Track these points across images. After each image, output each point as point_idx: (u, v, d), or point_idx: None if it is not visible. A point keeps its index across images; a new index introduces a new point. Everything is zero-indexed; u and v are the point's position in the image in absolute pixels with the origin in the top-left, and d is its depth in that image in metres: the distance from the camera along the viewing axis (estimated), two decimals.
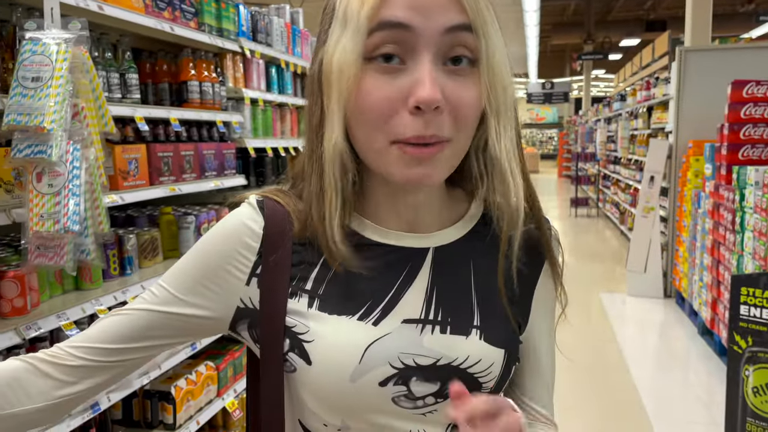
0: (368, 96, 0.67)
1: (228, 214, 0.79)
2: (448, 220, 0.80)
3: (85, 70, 1.67)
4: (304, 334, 0.73)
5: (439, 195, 0.79)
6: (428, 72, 0.66)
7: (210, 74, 2.69)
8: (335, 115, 0.69)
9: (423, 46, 0.66)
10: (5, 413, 0.73)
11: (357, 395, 0.72)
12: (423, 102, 0.65)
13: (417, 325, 0.74)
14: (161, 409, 2.40)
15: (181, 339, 0.79)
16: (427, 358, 0.73)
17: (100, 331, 0.76)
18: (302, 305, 0.74)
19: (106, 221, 1.75)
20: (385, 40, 0.66)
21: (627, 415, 3.74)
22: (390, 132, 0.68)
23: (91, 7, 1.90)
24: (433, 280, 0.76)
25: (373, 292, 0.74)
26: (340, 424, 0.74)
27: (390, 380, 0.72)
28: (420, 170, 0.68)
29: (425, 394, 0.73)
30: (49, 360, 0.75)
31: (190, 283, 0.76)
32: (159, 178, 2.34)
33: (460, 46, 0.68)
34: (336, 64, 0.68)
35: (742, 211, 4.00)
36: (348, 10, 0.68)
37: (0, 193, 1.64)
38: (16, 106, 1.53)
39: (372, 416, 0.73)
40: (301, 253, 0.76)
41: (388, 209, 0.77)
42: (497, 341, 0.75)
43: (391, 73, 0.67)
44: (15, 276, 1.71)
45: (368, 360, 0.71)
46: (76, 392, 0.75)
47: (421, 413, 0.74)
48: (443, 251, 0.78)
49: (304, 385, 0.73)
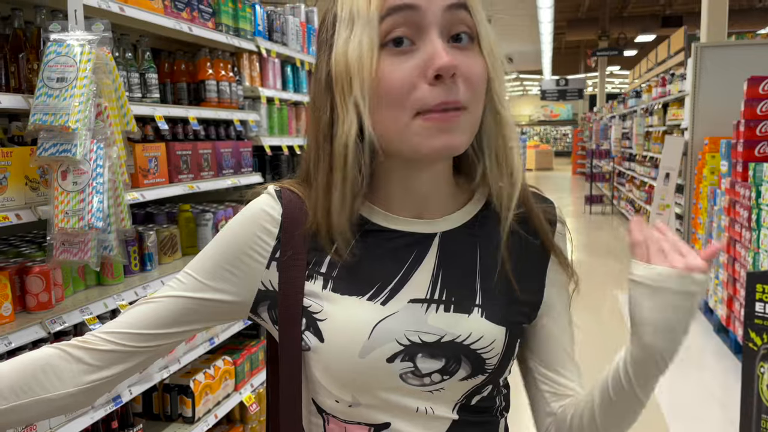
0: (389, 77, 0.72)
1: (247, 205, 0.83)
2: (453, 207, 0.84)
3: (108, 70, 1.71)
4: (319, 313, 0.77)
5: (445, 183, 0.83)
6: (440, 44, 0.72)
7: (227, 73, 2.73)
8: (358, 108, 0.73)
9: (429, 23, 0.72)
10: (39, 398, 0.77)
11: (366, 371, 0.75)
12: (443, 68, 0.70)
13: (422, 304, 0.78)
14: (180, 402, 2.44)
15: (207, 324, 0.83)
16: (431, 335, 0.77)
17: (130, 318, 0.80)
18: (317, 287, 0.78)
19: (128, 218, 1.79)
20: (395, 24, 0.72)
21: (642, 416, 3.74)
22: (413, 106, 0.72)
23: (113, 8, 1.94)
24: (439, 263, 0.80)
25: (382, 274, 0.78)
26: (350, 400, 0.78)
27: (397, 356, 0.76)
28: (444, 138, 0.73)
29: (431, 371, 0.76)
30: (81, 346, 0.79)
31: (215, 268, 0.80)
32: (178, 176, 2.38)
33: (460, 23, 0.74)
34: (353, 58, 0.72)
35: (759, 208, 3.98)
36: (354, 9, 0.73)
37: (26, 190, 1.69)
38: (42, 106, 1.58)
39: (381, 393, 0.77)
40: (316, 240, 0.80)
41: (398, 197, 0.81)
42: (498, 319, 0.79)
43: (404, 54, 0.73)
44: (40, 271, 1.76)
45: (376, 337, 0.75)
46: (106, 377, 0.79)
47: (429, 391, 0.77)
48: (449, 236, 0.81)
49: (317, 363, 0.77)
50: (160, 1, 2.25)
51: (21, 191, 1.67)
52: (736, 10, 11.39)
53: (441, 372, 0.77)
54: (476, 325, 0.78)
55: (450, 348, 0.77)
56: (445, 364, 0.77)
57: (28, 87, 1.80)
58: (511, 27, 16.29)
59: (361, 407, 0.78)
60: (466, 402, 0.80)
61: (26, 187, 1.69)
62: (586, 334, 0.78)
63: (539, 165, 24.83)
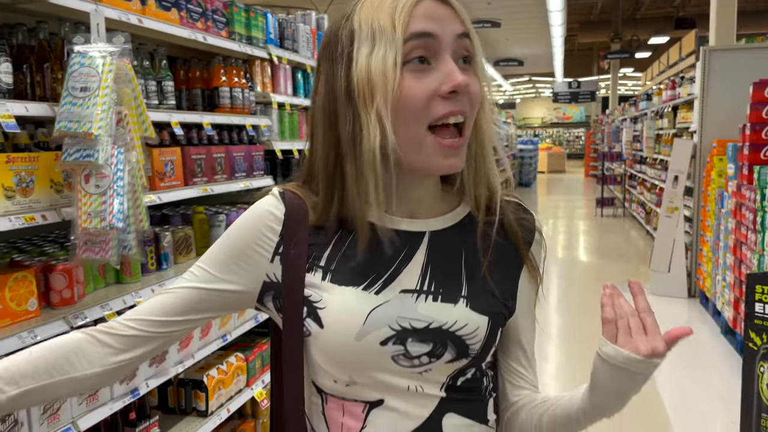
0: (410, 91, 0.82)
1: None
2: (442, 210, 0.94)
3: (128, 80, 1.81)
4: (318, 302, 0.86)
5: (434, 190, 0.93)
6: (455, 65, 0.83)
7: (240, 80, 2.83)
8: (380, 118, 0.82)
9: (443, 49, 0.84)
10: (69, 377, 0.87)
11: (361, 353, 0.84)
12: (460, 85, 0.82)
13: (413, 294, 0.87)
14: (195, 396, 2.54)
15: (218, 312, 0.93)
16: (420, 321, 0.85)
17: (150, 307, 0.90)
18: (317, 278, 0.87)
19: (146, 219, 1.89)
20: (415, 47, 0.83)
21: (645, 410, 3.79)
22: (428, 117, 0.83)
23: (132, 20, 2.05)
24: (429, 258, 0.89)
25: (376, 267, 0.87)
26: (347, 380, 0.87)
27: (389, 340, 0.84)
28: (451, 161, 0.85)
29: (420, 354, 0.85)
30: (107, 331, 0.89)
31: (225, 262, 0.90)
32: (193, 179, 2.48)
33: (464, 49, 0.86)
34: (377, 72, 0.81)
35: (764, 210, 4.02)
36: (376, 28, 0.82)
37: (51, 193, 1.79)
38: (67, 114, 1.68)
39: (375, 373, 0.86)
40: (316, 236, 0.89)
41: (394, 199, 0.90)
42: (482, 309, 0.88)
43: (423, 72, 0.83)
44: (64, 269, 1.86)
45: (371, 322, 0.84)
46: (128, 359, 0.89)
47: (418, 372, 0.86)
48: (437, 235, 0.91)
49: (317, 347, 0.86)
50: (176, 13, 2.35)
51: (46, 194, 1.77)
52: (747, 12, 11.35)
53: (429, 355, 0.85)
54: (462, 313, 0.86)
55: (437, 334, 0.85)
56: (432, 347, 0.85)
57: (52, 95, 1.91)
58: (523, 30, 16.33)
59: (357, 386, 0.87)
60: (453, 383, 0.89)
61: (51, 189, 1.79)
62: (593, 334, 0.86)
63: (551, 168, 24.77)
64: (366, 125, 0.83)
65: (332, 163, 0.87)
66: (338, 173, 0.87)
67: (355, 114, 0.84)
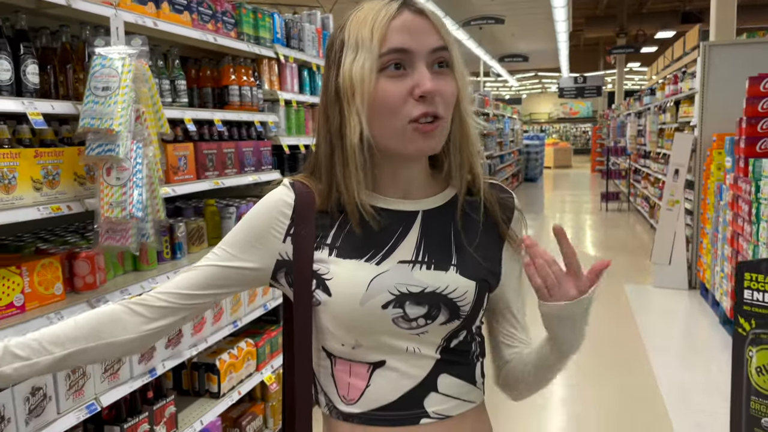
0: (385, 93, 0.95)
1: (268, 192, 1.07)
2: (432, 192, 1.07)
3: (145, 79, 1.95)
4: (326, 274, 0.99)
5: (424, 174, 1.06)
6: (426, 73, 0.95)
7: (248, 78, 2.96)
8: (359, 115, 0.96)
9: (418, 60, 0.96)
10: (107, 341, 1.01)
11: (365, 316, 0.97)
12: (427, 92, 0.94)
13: (409, 264, 1.00)
14: (207, 379, 2.68)
15: (237, 288, 1.06)
16: (416, 287, 0.98)
17: (178, 281, 1.04)
18: (324, 254, 1.00)
19: (162, 210, 2.03)
20: (392, 59, 0.95)
21: (642, 397, 3.89)
22: (404, 116, 0.95)
23: (148, 23, 2.19)
24: (422, 233, 1.02)
25: (376, 242, 1.01)
26: (353, 343, 1.00)
27: (390, 304, 0.97)
28: (425, 142, 0.97)
29: (417, 316, 0.98)
30: (140, 303, 1.03)
31: (243, 243, 1.03)
32: (205, 173, 2.62)
33: (440, 57, 0.98)
34: (357, 77, 0.95)
35: (758, 202, 4.11)
36: (359, 39, 0.96)
37: (75, 185, 1.93)
38: (90, 112, 1.82)
39: (378, 336, 0.99)
40: (322, 219, 1.03)
41: (387, 183, 1.03)
42: (469, 275, 1.01)
43: (399, 77, 0.95)
44: (87, 256, 2.00)
45: (372, 289, 0.97)
46: (158, 327, 1.03)
47: (416, 333, 0.99)
48: (429, 213, 1.04)
49: (326, 314, 1.00)
50: (188, 15, 2.49)
51: (71, 186, 1.91)
52: (749, 5, 11.36)
53: (425, 317, 0.99)
54: (452, 279, 1.00)
55: (432, 297, 0.99)
56: (428, 310, 0.98)
57: (74, 94, 2.05)
58: (529, 26, 16.37)
59: (362, 348, 1.00)
60: (446, 345, 1.02)
61: (75, 182, 1.93)
62: (597, 322, 0.98)
63: (558, 163, 24.77)
64: (348, 120, 0.97)
65: (329, 154, 1.01)
66: (333, 162, 1.01)
67: (341, 111, 0.98)
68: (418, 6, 0.98)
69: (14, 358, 0.96)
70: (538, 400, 3.90)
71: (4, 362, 0.95)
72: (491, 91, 19.13)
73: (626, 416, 3.71)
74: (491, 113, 13.61)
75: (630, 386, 4.09)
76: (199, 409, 2.60)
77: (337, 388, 1.03)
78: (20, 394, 1.73)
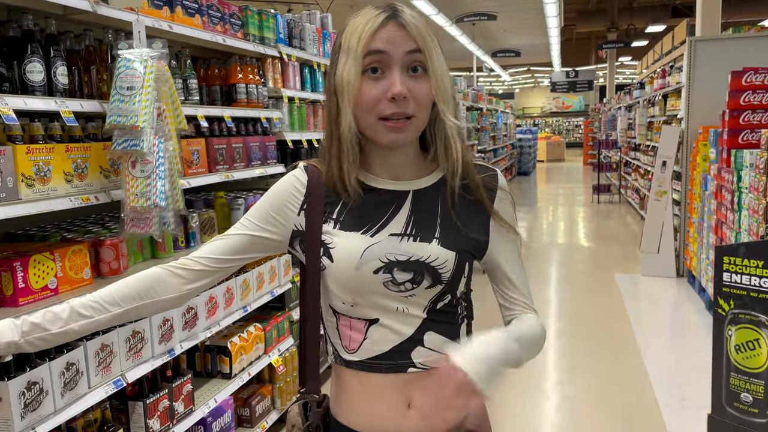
0: (364, 93, 1.11)
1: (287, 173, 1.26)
2: (421, 174, 1.23)
3: (165, 79, 2.11)
4: (330, 243, 1.17)
5: (413, 157, 1.23)
6: (398, 77, 1.10)
7: (254, 77, 3.12)
8: (347, 109, 1.14)
9: (394, 63, 1.10)
10: (154, 300, 1.19)
11: (360, 279, 1.15)
12: (396, 95, 1.10)
13: (398, 237, 1.17)
14: (220, 360, 2.85)
15: (260, 254, 1.24)
16: (403, 256, 1.15)
17: (212, 247, 1.22)
18: (330, 227, 1.18)
19: (181, 200, 2.19)
20: (372, 61, 1.11)
21: (629, 378, 4.09)
22: (378, 113, 1.11)
23: (163, 26, 2.34)
24: (412, 209, 1.19)
25: (372, 218, 1.18)
26: (352, 302, 1.17)
27: (380, 270, 1.14)
28: (393, 136, 1.12)
29: (404, 281, 1.15)
30: (180, 266, 1.21)
31: (265, 216, 1.22)
32: (216, 167, 2.78)
33: (415, 61, 1.12)
34: (346, 79, 1.13)
35: (740, 191, 4.30)
36: (349, 45, 1.14)
37: (101, 177, 2.09)
38: (116, 110, 1.98)
39: (372, 296, 1.16)
40: (330, 197, 1.20)
41: (381, 166, 1.21)
42: (450, 246, 1.17)
43: (376, 80, 1.11)
44: (111, 244, 2.16)
45: (366, 257, 1.14)
46: (195, 287, 1.21)
47: (405, 296, 1.16)
48: (419, 193, 1.21)
49: (330, 276, 1.17)
50: (199, 18, 2.64)
51: (98, 178, 2.07)
52: None
53: (411, 281, 1.15)
54: (435, 249, 1.16)
55: (416, 265, 1.15)
56: (413, 275, 1.15)
57: (98, 93, 2.21)
58: (521, 21, 16.53)
59: (359, 306, 1.17)
60: (433, 306, 1.18)
61: (101, 175, 2.09)
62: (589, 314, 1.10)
63: (550, 156, 24.99)
64: (341, 114, 1.14)
65: (329, 141, 1.20)
66: (332, 147, 1.19)
67: (337, 105, 1.14)
68: (402, 19, 1.11)
69: (79, 317, 1.14)
70: (532, 381, 4.09)
71: (72, 320, 1.14)
72: (484, 86, 19.31)
73: (616, 396, 3.89)
74: (484, 108, 13.79)
75: (620, 368, 4.28)
76: (212, 389, 2.77)
77: (341, 339, 1.21)
78: (56, 368, 1.89)
